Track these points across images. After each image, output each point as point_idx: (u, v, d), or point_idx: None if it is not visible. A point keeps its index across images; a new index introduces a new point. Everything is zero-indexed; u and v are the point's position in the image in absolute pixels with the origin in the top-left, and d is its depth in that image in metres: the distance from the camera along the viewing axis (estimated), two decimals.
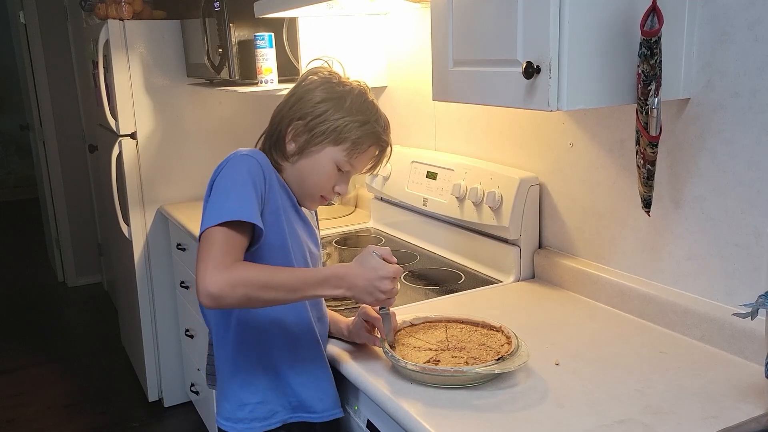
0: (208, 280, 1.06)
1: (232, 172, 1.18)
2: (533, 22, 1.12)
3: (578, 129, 1.56)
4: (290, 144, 1.25)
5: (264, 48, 2.13)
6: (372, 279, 1.16)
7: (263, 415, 1.28)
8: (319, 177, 1.26)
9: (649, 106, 1.16)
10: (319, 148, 1.24)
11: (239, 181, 1.16)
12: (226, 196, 1.15)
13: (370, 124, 1.25)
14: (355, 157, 1.26)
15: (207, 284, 1.06)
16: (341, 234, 2.23)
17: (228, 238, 1.11)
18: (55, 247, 4.75)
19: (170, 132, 2.80)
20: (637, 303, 1.42)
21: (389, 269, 1.18)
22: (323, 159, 1.24)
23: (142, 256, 2.85)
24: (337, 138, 1.23)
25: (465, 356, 1.20)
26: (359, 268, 1.18)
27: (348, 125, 1.22)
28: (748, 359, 1.20)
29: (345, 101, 1.23)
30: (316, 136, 1.23)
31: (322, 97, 1.23)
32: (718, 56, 1.22)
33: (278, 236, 1.23)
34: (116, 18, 2.65)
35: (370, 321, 1.29)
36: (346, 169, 1.27)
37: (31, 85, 4.48)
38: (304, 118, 1.23)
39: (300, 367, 1.29)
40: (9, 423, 2.99)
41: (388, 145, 1.30)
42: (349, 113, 1.23)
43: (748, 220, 1.21)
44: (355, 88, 1.26)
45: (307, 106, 1.23)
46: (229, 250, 1.10)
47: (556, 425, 1.03)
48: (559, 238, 1.66)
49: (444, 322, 1.34)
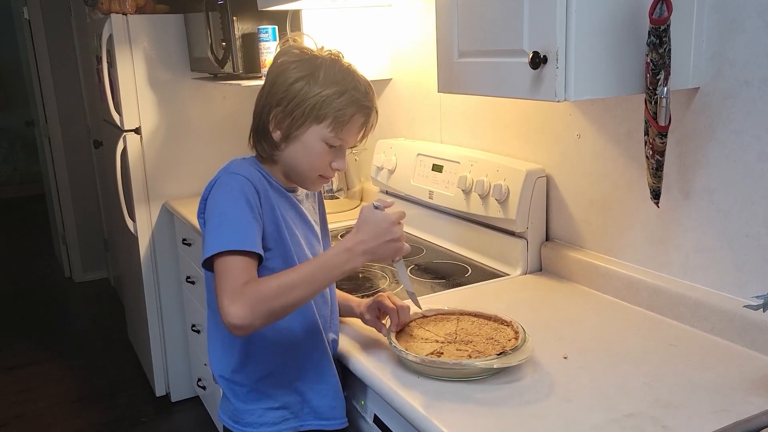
0: (229, 315, 1.05)
1: (226, 195, 1.16)
2: (540, 11, 1.11)
3: (585, 120, 1.54)
4: (275, 132, 1.21)
5: (268, 41, 2.12)
6: (381, 235, 1.13)
7: (273, 420, 1.26)
8: (311, 158, 1.21)
9: (657, 96, 1.14)
10: (303, 129, 1.19)
11: (234, 204, 1.14)
12: (224, 222, 1.14)
13: (348, 92, 1.18)
14: (342, 130, 1.20)
15: (229, 319, 1.06)
16: (347, 228, 2.22)
17: (235, 264, 1.10)
18: (62, 242, 4.77)
19: (174, 127, 2.79)
20: (646, 295, 1.40)
21: (391, 217, 1.14)
22: (310, 139, 1.20)
23: (147, 252, 2.85)
24: (318, 115, 1.17)
25: (470, 350, 1.19)
26: (363, 229, 1.14)
27: (326, 100, 1.17)
28: (759, 351, 1.19)
29: (318, 76, 1.17)
30: (296, 118, 1.18)
31: (294, 76, 1.18)
32: (727, 45, 1.20)
33: (283, 246, 1.22)
34: (119, 12, 2.64)
35: (383, 309, 1.30)
36: (337, 144, 1.21)
37: (36, 81, 4.49)
38: (281, 103, 1.18)
39: (312, 374, 1.28)
40: (17, 418, 3.00)
41: (372, 109, 1.23)
42: (325, 86, 1.17)
43: (759, 211, 1.20)
44: (326, 58, 1.20)
45: (281, 90, 1.18)
46: (238, 277, 1.09)
47: (564, 420, 1.02)
48: (567, 230, 1.65)
49: (457, 314, 1.34)
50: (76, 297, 4.54)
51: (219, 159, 2.83)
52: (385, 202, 1.17)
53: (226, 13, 2.24)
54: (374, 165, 2.21)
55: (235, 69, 2.28)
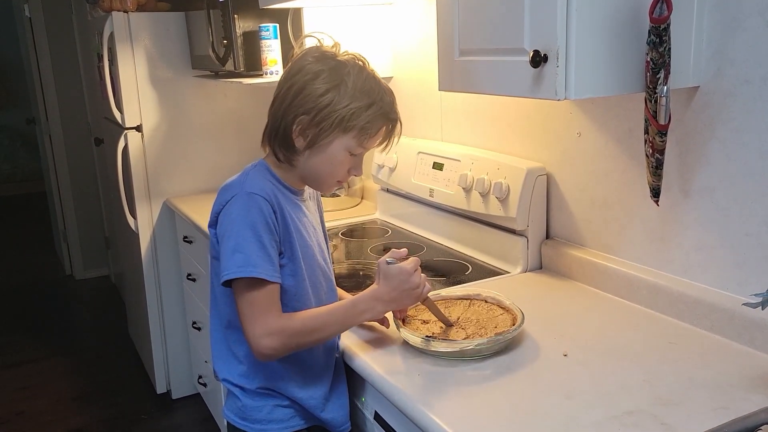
0: (262, 348, 1.14)
1: (246, 217, 1.16)
2: (540, 10, 1.11)
3: (586, 118, 1.54)
4: (298, 140, 1.20)
5: (269, 39, 2.12)
6: (400, 286, 1.22)
7: (281, 416, 1.27)
8: (333, 166, 1.23)
9: (657, 95, 1.15)
10: (330, 139, 1.19)
11: (255, 228, 1.15)
12: (247, 246, 1.14)
13: (376, 104, 1.20)
14: (366, 140, 1.22)
15: (261, 350, 1.15)
16: (348, 225, 2.23)
17: (262, 295, 1.15)
18: (63, 240, 4.77)
19: (175, 124, 2.79)
20: (646, 293, 1.41)
21: (407, 267, 1.23)
22: (335, 149, 1.21)
23: (148, 249, 2.85)
24: (345, 127, 1.18)
25: (462, 334, 1.26)
26: (387, 283, 1.23)
27: (355, 112, 1.18)
28: (758, 349, 1.19)
29: (347, 86, 1.18)
30: (324, 129, 1.18)
31: (324, 87, 1.17)
32: (728, 43, 1.21)
33: (294, 262, 1.23)
34: (120, 10, 2.64)
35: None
36: (359, 153, 1.24)
37: (37, 78, 4.49)
38: (309, 113, 1.17)
39: (315, 378, 1.29)
40: (18, 415, 3.01)
41: (397, 120, 1.26)
42: (354, 98, 1.18)
43: (759, 209, 1.20)
44: (353, 66, 1.20)
45: (310, 100, 1.17)
46: (268, 306, 1.16)
47: (565, 417, 1.03)
48: (567, 228, 1.65)
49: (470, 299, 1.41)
50: (77, 294, 4.55)
51: (220, 156, 2.87)
52: (398, 254, 1.25)
53: (227, 10, 2.24)
54: (375, 163, 2.22)
55: (236, 67, 2.28)
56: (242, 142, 2.90)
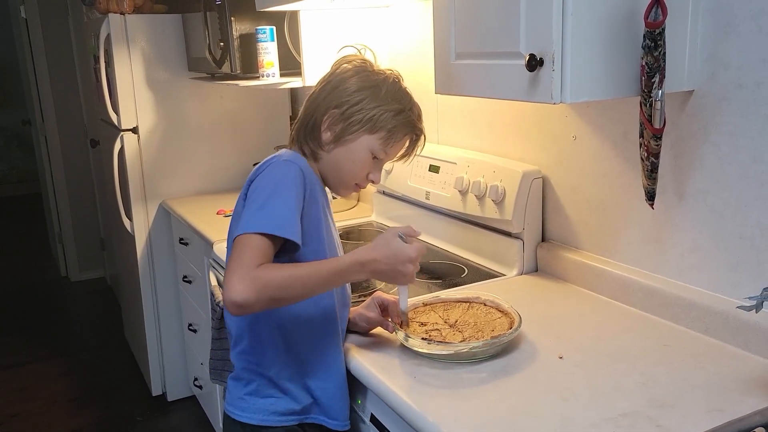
0: (234, 291, 1.05)
1: (276, 178, 1.18)
2: (536, 14, 1.12)
3: (581, 121, 1.55)
4: (326, 132, 1.25)
5: (265, 42, 2.13)
6: (395, 264, 1.16)
7: (282, 410, 1.27)
8: (354, 165, 1.26)
9: (652, 99, 1.15)
10: (355, 136, 1.24)
11: (282, 189, 1.16)
12: (267, 204, 1.14)
13: (405, 113, 1.25)
14: (390, 145, 1.26)
15: (232, 294, 1.06)
16: (344, 228, 2.23)
17: (259, 246, 1.10)
18: (58, 241, 4.76)
19: (172, 126, 2.79)
20: (641, 296, 1.41)
21: (411, 253, 1.16)
22: (359, 147, 1.24)
23: (144, 251, 2.85)
24: (373, 127, 1.23)
25: (459, 337, 1.26)
26: (382, 251, 1.16)
27: (384, 114, 1.23)
28: (752, 352, 1.20)
29: (380, 90, 1.24)
30: (352, 124, 1.23)
31: (358, 85, 1.23)
32: (722, 48, 1.21)
33: (319, 243, 1.24)
34: (117, 12, 2.64)
35: (386, 303, 1.33)
36: (381, 157, 1.27)
37: (33, 80, 4.48)
38: (341, 107, 1.23)
39: (325, 372, 1.28)
40: (14, 417, 3.00)
41: (422, 133, 1.31)
42: (385, 102, 1.23)
43: (753, 212, 1.21)
44: (389, 76, 1.27)
45: (343, 95, 1.23)
46: (256, 259, 1.09)
47: (561, 419, 1.03)
48: (563, 231, 1.66)
49: (469, 302, 1.41)
50: (73, 296, 4.54)
51: (216, 159, 2.87)
52: (412, 232, 1.20)
53: (224, 13, 2.24)
54: None
55: (232, 69, 2.28)
56: (238, 145, 2.90)
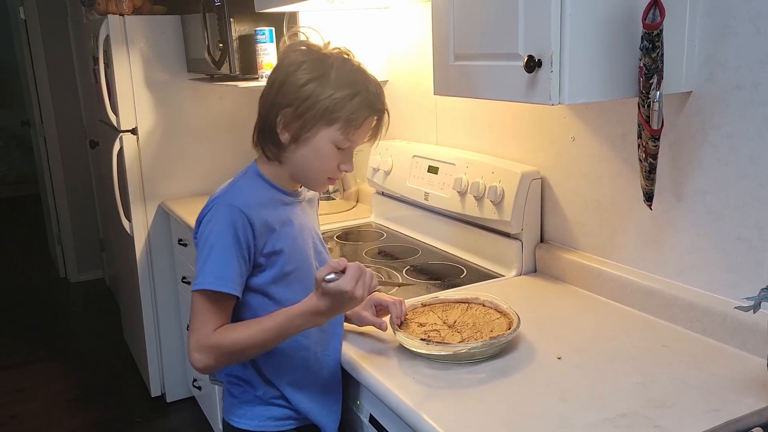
0: (194, 360, 1.14)
1: (215, 229, 1.16)
2: (534, 16, 1.12)
3: (580, 122, 1.55)
4: (283, 134, 1.18)
5: (265, 43, 2.13)
6: (339, 303, 1.13)
7: (279, 415, 1.28)
8: (321, 161, 1.20)
9: (650, 100, 1.16)
10: (314, 132, 1.16)
11: (221, 242, 1.15)
12: (209, 259, 1.16)
13: (360, 95, 1.16)
14: (353, 132, 1.18)
15: (193, 362, 1.14)
16: (343, 229, 2.23)
17: (209, 307, 1.15)
18: (57, 242, 4.76)
19: (171, 127, 2.80)
20: (639, 297, 1.42)
21: (345, 286, 1.09)
22: (320, 142, 1.17)
23: (143, 252, 2.85)
24: (330, 118, 1.15)
25: (458, 337, 1.26)
26: (323, 302, 1.12)
27: (338, 103, 1.14)
28: (750, 352, 1.20)
29: (329, 76, 1.14)
30: (307, 121, 1.15)
31: (306, 78, 1.14)
32: (719, 49, 1.22)
33: (292, 261, 1.23)
34: (116, 13, 2.64)
35: (383, 304, 1.33)
36: (346, 146, 1.20)
37: (32, 81, 4.48)
38: (292, 104, 1.15)
39: (301, 393, 1.29)
40: (12, 418, 3.00)
41: (384, 111, 1.22)
42: (337, 88, 1.14)
43: (750, 213, 1.21)
44: (337, 57, 1.17)
45: (291, 91, 1.15)
46: (209, 323, 1.14)
47: (559, 419, 1.03)
48: (561, 232, 1.66)
49: (468, 302, 1.41)
50: (71, 297, 4.53)
51: (215, 160, 2.88)
52: (337, 266, 1.11)
53: (223, 14, 2.24)
54: (370, 166, 2.22)
55: (232, 70, 2.28)
56: (237, 145, 2.90)
